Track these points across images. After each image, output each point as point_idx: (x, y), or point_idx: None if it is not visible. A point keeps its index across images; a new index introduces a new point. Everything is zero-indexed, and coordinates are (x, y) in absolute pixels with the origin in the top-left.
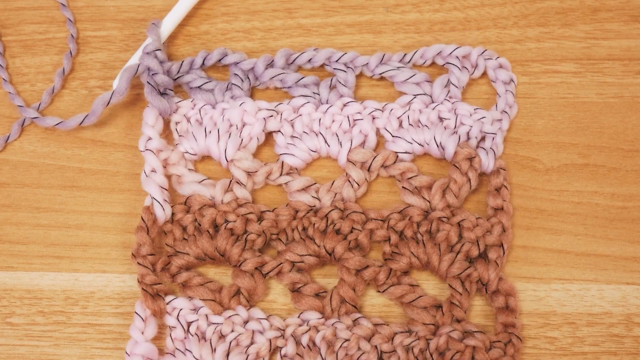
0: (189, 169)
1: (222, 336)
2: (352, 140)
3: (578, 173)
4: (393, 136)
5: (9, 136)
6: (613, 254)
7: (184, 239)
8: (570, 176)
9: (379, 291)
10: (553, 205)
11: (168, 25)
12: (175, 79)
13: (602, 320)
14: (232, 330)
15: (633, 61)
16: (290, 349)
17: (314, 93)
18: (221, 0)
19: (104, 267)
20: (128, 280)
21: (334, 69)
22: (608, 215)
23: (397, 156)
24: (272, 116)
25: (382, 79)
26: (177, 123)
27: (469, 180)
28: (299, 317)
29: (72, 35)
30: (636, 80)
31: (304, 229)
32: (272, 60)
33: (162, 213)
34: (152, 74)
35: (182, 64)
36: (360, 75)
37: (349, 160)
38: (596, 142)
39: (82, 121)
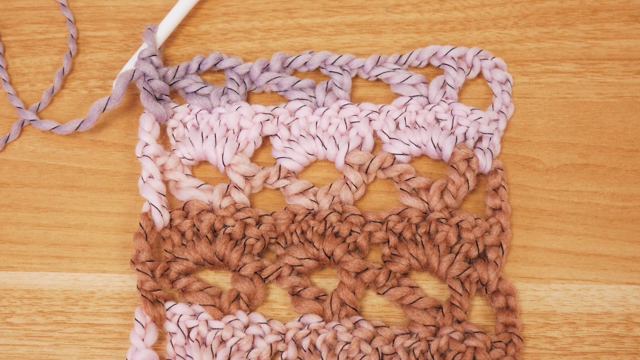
0: (187, 174)
1: (222, 341)
2: (349, 142)
3: (578, 173)
4: (390, 138)
5: (8, 136)
6: (613, 254)
7: (183, 244)
8: (570, 176)
9: (378, 293)
10: (553, 205)
11: (164, 29)
12: (171, 84)
13: (602, 320)
14: (233, 335)
15: (633, 61)
16: (291, 353)
17: (310, 96)
18: (221, 0)
19: (104, 267)
20: (128, 280)
21: (330, 71)
22: (608, 215)
23: (395, 158)
24: (268, 120)
25: (378, 80)
26: (173, 128)
27: (467, 181)
28: (299, 320)
29: (72, 35)
30: (636, 80)
31: (303, 232)
32: (268, 64)
33: (160, 219)
34: (148, 80)
35: (177, 69)
36: (356, 77)
37: (346, 163)
38: (596, 142)
39: (78, 127)
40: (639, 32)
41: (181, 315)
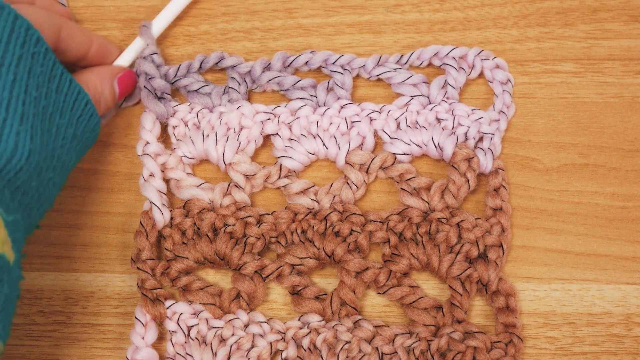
0: (187, 173)
1: (222, 340)
2: (350, 142)
3: (578, 173)
4: (391, 138)
5: None
6: (613, 254)
7: (183, 243)
8: (570, 176)
9: (379, 293)
10: (553, 205)
11: (158, 26)
12: (172, 83)
13: (602, 320)
14: (233, 334)
15: (633, 61)
16: (291, 352)
17: (311, 95)
18: (221, 0)
19: (104, 267)
20: (128, 280)
21: (331, 71)
22: (608, 215)
23: (395, 158)
24: (269, 119)
25: (379, 80)
26: (174, 127)
27: (468, 181)
28: (299, 319)
29: None
30: (636, 80)
31: (303, 231)
32: (269, 63)
33: (161, 217)
34: (149, 79)
35: (179, 68)
36: (357, 77)
37: (347, 163)
38: (596, 142)
39: None
40: (639, 32)
41: (181, 313)
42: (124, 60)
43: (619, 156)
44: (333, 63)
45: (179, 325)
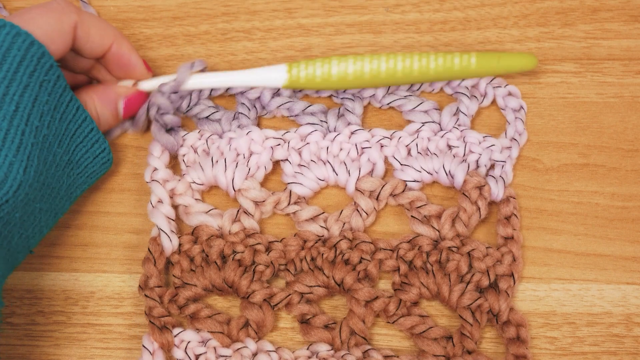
0: (196, 199)
1: None
2: (360, 168)
3: (578, 173)
4: (401, 164)
5: None
6: (613, 254)
7: (192, 270)
8: (570, 176)
9: (388, 322)
10: (553, 205)
11: (198, 80)
12: (184, 113)
13: (602, 320)
14: None
15: (633, 61)
16: None
17: (321, 121)
18: (221, 0)
19: (104, 267)
20: (128, 280)
21: (342, 98)
22: (608, 215)
23: (406, 185)
24: (279, 144)
25: (390, 108)
26: (184, 155)
27: (479, 209)
28: (308, 349)
29: None
30: (636, 80)
31: (313, 259)
32: (279, 89)
33: (169, 244)
34: (162, 114)
35: (190, 98)
36: (368, 104)
37: (357, 189)
38: (596, 142)
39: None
40: (639, 32)
41: (189, 342)
42: (149, 85)
43: (619, 156)
44: (343, 91)
45: (186, 353)
